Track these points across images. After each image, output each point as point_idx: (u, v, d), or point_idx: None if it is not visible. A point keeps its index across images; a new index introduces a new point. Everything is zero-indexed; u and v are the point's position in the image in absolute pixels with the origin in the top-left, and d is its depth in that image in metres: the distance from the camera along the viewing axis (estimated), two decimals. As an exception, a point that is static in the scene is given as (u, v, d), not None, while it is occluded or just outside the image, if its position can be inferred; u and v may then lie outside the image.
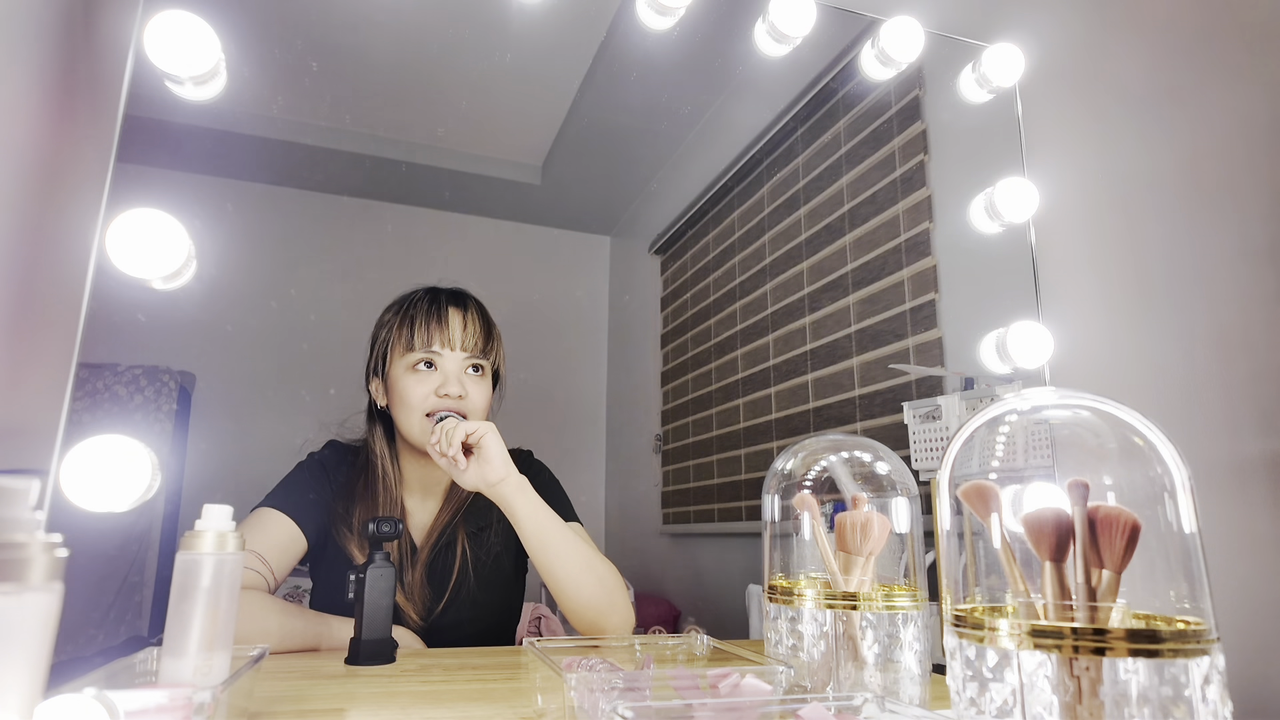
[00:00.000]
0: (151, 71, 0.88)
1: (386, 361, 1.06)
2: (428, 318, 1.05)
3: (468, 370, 1.06)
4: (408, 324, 1.05)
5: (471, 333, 1.06)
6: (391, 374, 1.05)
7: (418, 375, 1.04)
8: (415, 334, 1.04)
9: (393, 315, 1.08)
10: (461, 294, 1.11)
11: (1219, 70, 1.04)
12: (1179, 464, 0.48)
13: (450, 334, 1.05)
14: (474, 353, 1.06)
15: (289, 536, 0.98)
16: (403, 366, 1.04)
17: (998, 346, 1.19)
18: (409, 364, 1.04)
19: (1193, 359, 1.02)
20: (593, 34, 1.49)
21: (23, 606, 0.30)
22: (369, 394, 1.11)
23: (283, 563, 0.97)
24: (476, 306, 1.10)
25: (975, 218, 1.28)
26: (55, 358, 0.82)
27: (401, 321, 1.06)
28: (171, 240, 0.83)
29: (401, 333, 1.05)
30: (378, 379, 1.09)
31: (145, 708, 0.46)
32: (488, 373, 1.08)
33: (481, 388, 1.07)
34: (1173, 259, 1.07)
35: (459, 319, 1.06)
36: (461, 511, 1.09)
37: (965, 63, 1.31)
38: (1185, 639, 0.42)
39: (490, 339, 1.09)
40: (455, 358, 1.05)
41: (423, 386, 1.03)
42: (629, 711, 0.46)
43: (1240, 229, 0.99)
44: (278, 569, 0.95)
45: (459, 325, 1.06)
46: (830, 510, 0.73)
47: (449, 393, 1.02)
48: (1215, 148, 1.03)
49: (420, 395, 1.02)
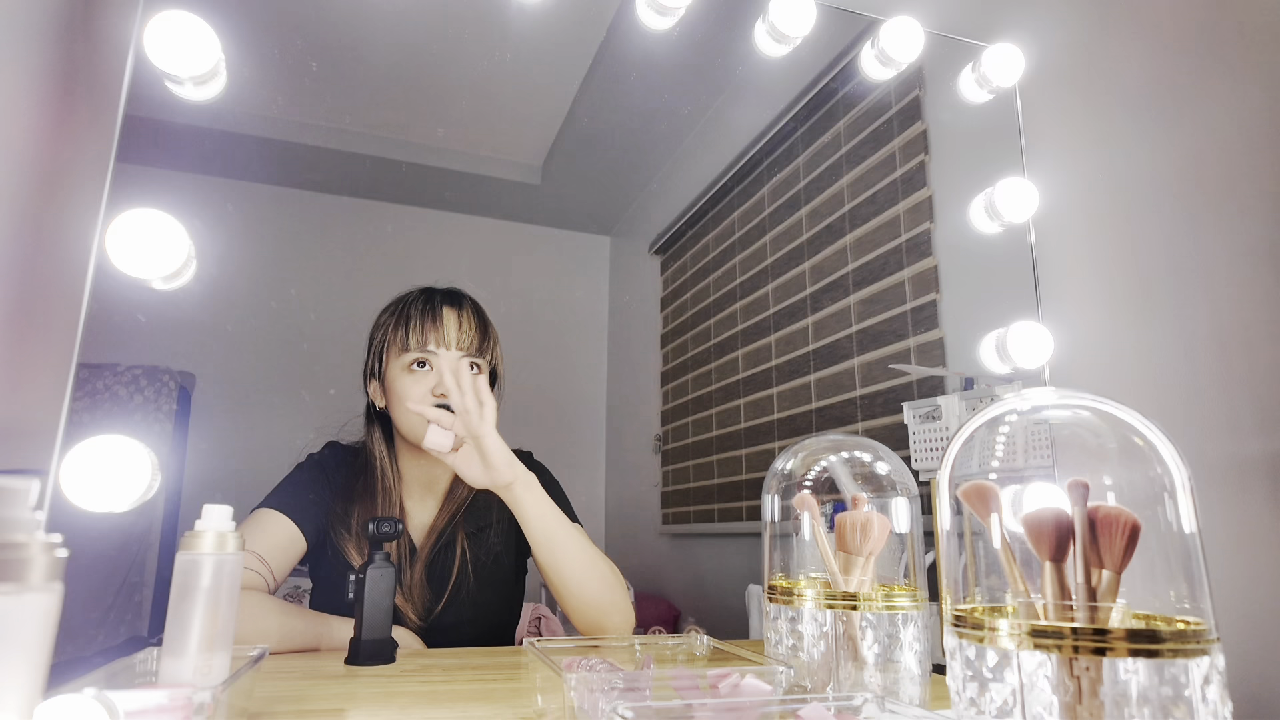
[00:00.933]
0: (151, 71, 0.88)
1: (383, 362, 1.06)
2: (422, 318, 1.05)
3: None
4: (403, 324, 1.05)
5: (467, 332, 1.06)
6: (388, 375, 1.05)
7: (414, 375, 1.04)
8: (410, 334, 1.04)
9: (388, 316, 1.08)
10: (457, 293, 1.11)
11: (1219, 70, 1.04)
12: (1179, 464, 0.48)
13: (445, 333, 1.05)
14: (470, 352, 1.06)
15: (289, 537, 0.98)
16: (399, 367, 1.04)
17: (998, 346, 1.19)
18: (405, 364, 1.04)
19: (1193, 359, 1.02)
20: (592, 34, 1.49)
21: (23, 607, 0.30)
22: (367, 395, 1.11)
23: (282, 563, 0.97)
24: (472, 305, 1.10)
25: (975, 218, 1.28)
26: (55, 358, 0.82)
27: (397, 322, 1.06)
28: (171, 240, 0.83)
29: (397, 333, 1.05)
30: (375, 380, 1.09)
31: (145, 708, 0.46)
32: (484, 372, 1.08)
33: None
34: (1173, 259, 1.07)
35: (454, 318, 1.06)
36: (461, 511, 1.09)
37: (965, 63, 1.31)
38: (1185, 639, 0.42)
39: (486, 338, 1.09)
40: (451, 357, 1.05)
41: (419, 386, 1.03)
42: (629, 711, 0.46)
43: (1240, 229, 0.99)
44: (277, 569, 0.95)
45: (454, 324, 1.06)
46: (830, 510, 0.73)
47: (445, 391, 1.02)
48: (1215, 148, 1.03)
49: (417, 395, 1.02)
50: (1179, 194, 1.07)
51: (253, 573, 0.91)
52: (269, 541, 0.95)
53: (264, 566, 0.93)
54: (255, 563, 0.92)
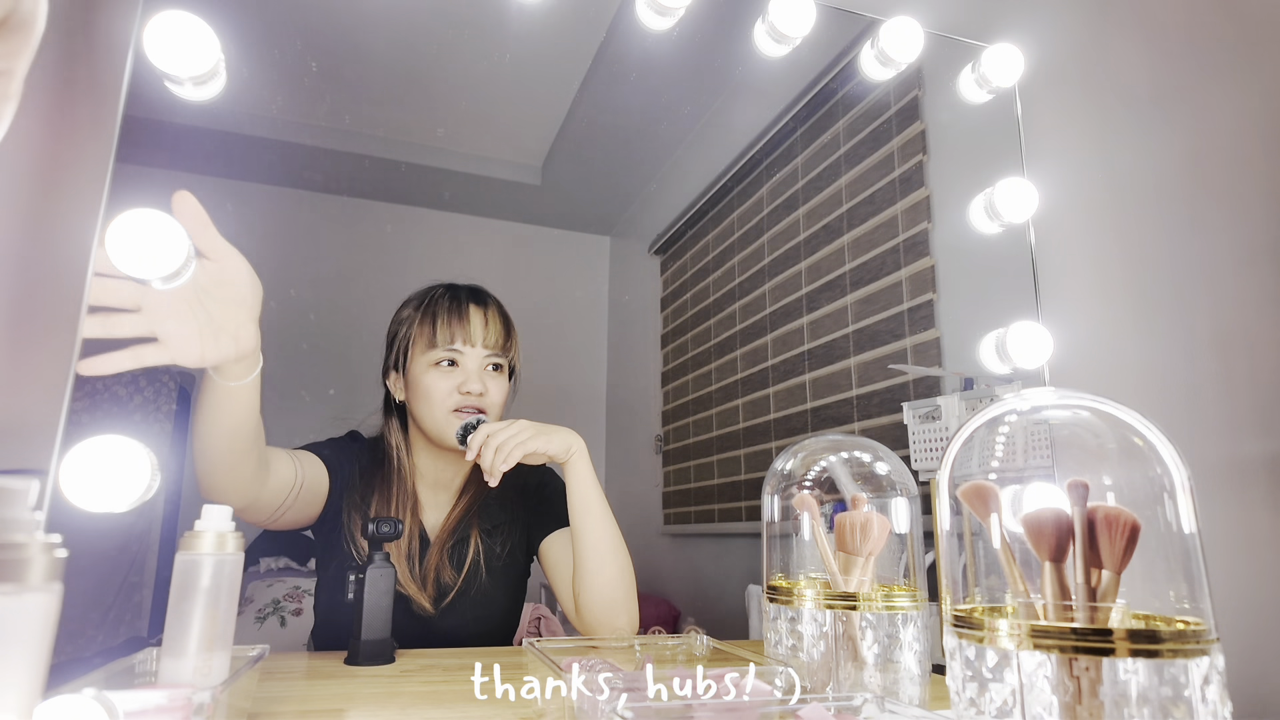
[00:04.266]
0: (151, 72, 0.88)
1: (408, 357, 1.07)
2: (449, 315, 1.06)
3: (488, 367, 1.08)
4: (429, 321, 1.06)
5: (493, 330, 1.08)
6: (412, 370, 1.06)
7: (440, 372, 1.05)
8: (438, 331, 1.05)
9: (413, 311, 1.09)
10: (480, 291, 1.13)
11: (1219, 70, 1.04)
12: (1179, 464, 0.48)
13: (472, 331, 1.06)
14: (494, 350, 1.07)
15: (319, 471, 1.00)
16: (425, 363, 1.05)
17: (997, 347, 1.19)
18: (431, 361, 1.05)
19: (1192, 359, 1.02)
20: (592, 34, 1.49)
21: (22, 607, 0.30)
22: (386, 388, 1.12)
23: (310, 482, 0.98)
24: (495, 304, 1.12)
25: (974, 218, 1.28)
26: (55, 358, 0.82)
27: (423, 318, 1.07)
28: (171, 241, 0.83)
29: (423, 329, 1.06)
30: (397, 374, 1.09)
31: (145, 708, 0.46)
32: (505, 368, 1.10)
33: (500, 384, 1.09)
34: (1172, 259, 1.07)
35: (480, 317, 1.08)
36: (475, 508, 1.10)
37: (965, 63, 1.31)
38: (1185, 639, 0.42)
39: (509, 336, 1.11)
40: (476, 355, 1.06)
41: (445, 383, 1.04)
42: (629, 712, 0.46)
43: (1240, 229, 0.99)
44: (310, 487, 0.98)
45: (480, 323, 1.07)
46: (830, 510, 0.73)
47: (470, 390, 1.04)
48: (1215, 148, 1.03)
49: (443, 392, 1.04)
50: (1179, 194, 1.07)
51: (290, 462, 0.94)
52: (305, 462, 0.98)
53: (300, 468, 0.96)
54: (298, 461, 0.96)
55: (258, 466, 0.86)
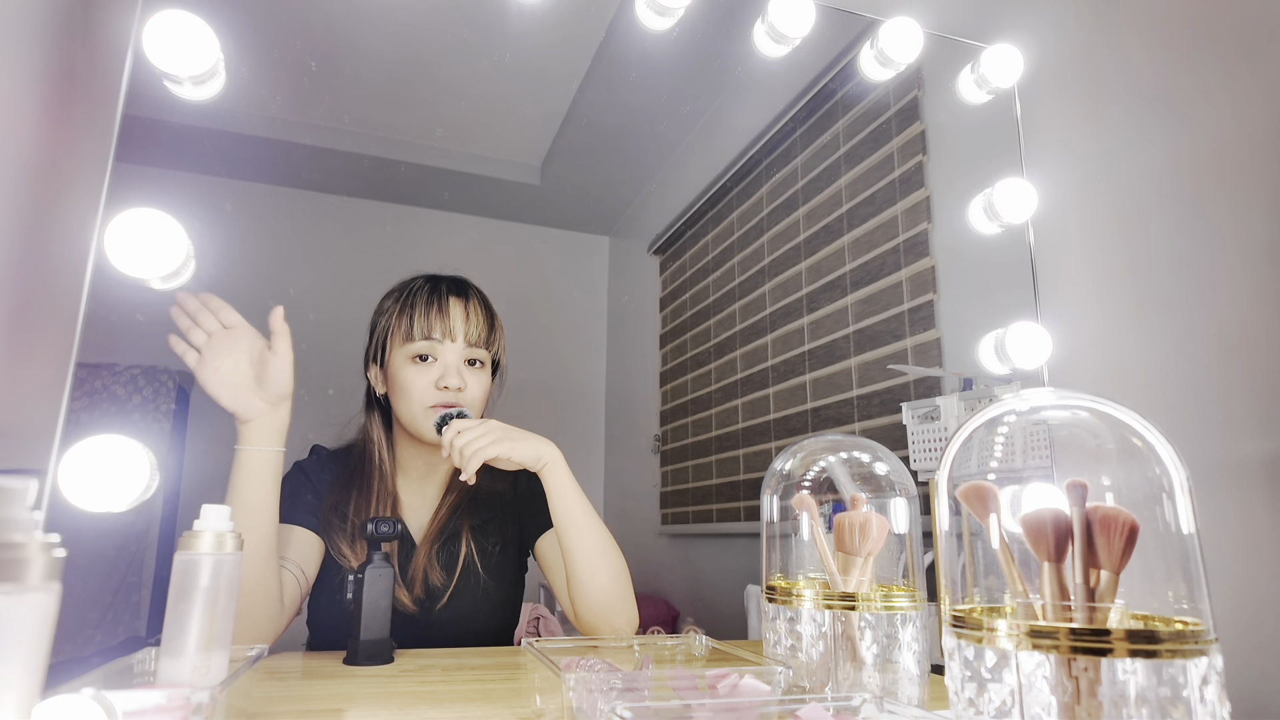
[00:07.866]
0: (150, 71, 0.88)
1: (386, 350, 1.06)
2: (428, 307, 1.04)
3: (467, 362, 1.06)
4: (408, 313, 1.05)
5: (474, 324, 1.06)
6: (391, 364, 1.05)
7: (417, 366, 1.03)
8: (415, 324, 1.04)
9: (392, 303, 1.07)
10: (462, 283, 1.10)
11: (1218, 70, 1.04)
12: (1177, 464, 0.48)
13: (451, 325, 1.04)
14: (475, 344, 1.06)
15: (307, 541, 0.99)
16: (402, 357, 1.04)
17: (996, 347, 1.20)
18: (409, 354, 1.04)
19: (1191, 359, 1.02)
20: (592, 34, 1.49)
21: (21, 606, 0.30)
22: (367, 381, 1.11)
23: (310, 563, 0.99)
24: (478, 296, 1.10)
25: (974, 218, 1.28)
26: (53, 357, 0.82)
27: (401, 310, 1.05)
28: (170, 240, 0.83)
29: (401, 321, 1.04)
30: (376, 366, 1.08)
31: (143, 708, 0.46)
32: (487, 364, 1.08)
33: (481, 380, 1.07)
34: (1171, 259, 1.07)
35: (460, 309, 1.06)
36: (464, 502, 1.09)
37: (964, 64, 1.31)
38: (1183, 639, 0.42)
39: (492, 330, 1.08)
40: (455, 349, 1.04)
41: (423, 378, 1.02)
42: (628, 712, 0.46)
43: (1239, 230, 0.99)
44: (308, 570, 0.98)
45: (460, 316, 1.05)
46: (829, 510, 0.73)
47: (448, 385, 1.02)
48: (1214, 148, 1.03)
49: (420, 387, 1.02)
50: (1178, 194, 1.07)
51: (289, 573, 0.94)
52: (294, 552, 0.97)
53: (296, 568, 0.96)
54: (292, 566, 0.95)
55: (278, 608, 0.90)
